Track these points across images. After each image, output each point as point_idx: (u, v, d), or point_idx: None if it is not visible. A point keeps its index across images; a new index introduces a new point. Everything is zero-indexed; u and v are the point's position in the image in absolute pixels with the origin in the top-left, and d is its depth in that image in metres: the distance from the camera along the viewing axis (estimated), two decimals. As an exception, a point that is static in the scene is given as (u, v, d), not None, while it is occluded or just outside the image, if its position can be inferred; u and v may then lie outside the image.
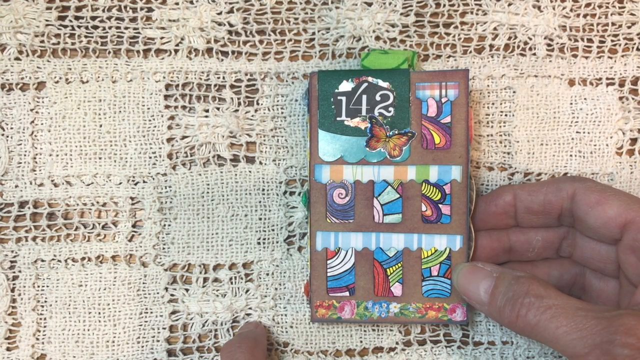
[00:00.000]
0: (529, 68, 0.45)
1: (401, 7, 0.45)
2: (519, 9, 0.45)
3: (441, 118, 0.41)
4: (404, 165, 0.41)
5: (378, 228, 0.42)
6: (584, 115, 0.45)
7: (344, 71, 0.42)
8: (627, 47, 0.46)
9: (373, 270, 0.42)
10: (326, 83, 0.41)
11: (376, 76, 0.41)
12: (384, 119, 0.41)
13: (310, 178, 0.41)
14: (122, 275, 0.44)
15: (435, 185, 0.42)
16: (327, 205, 0.42)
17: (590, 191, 0.38)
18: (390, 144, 0.41)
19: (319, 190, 0.42)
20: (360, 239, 0.42)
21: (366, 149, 0.41)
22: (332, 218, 0.42)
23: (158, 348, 0.44)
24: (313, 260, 0.42)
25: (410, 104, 0.41)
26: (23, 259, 0.44)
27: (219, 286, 0.44)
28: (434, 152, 0.41)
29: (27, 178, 0.44)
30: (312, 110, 0.41)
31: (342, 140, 0.41)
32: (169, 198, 0.44)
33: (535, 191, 0.41)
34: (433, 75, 0.41)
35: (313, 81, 0.41)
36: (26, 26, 0.44)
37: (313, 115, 0.41)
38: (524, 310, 0.34)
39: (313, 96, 0.41)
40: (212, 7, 0.45)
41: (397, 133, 0.41)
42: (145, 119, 0.44)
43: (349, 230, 0.42)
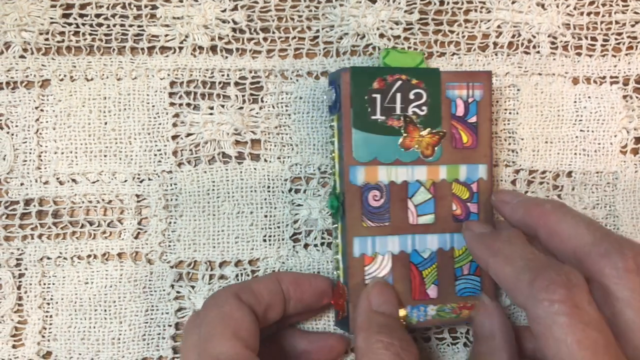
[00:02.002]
0: (533, 66, 0.45)
1: (405, 4, 0.45)
2: (522, 6, 0.45)
3: (468, 117, 0.42)
4: (436, 165, 0.41)
5: (413, 230, 0.41)
6: (588, 114, 0.45)
7: (376, 68, 0.41)
8: (631, 45, 0.46)
9: (410, 274, 0.41)
10: (360, 80, 0.40)
11: (410, 75, 0.41)
12: (417, 117, 0.41)
13: (344, 180, 0.40)
14: (128, 272, 0.44)
15: (463, 184, 0.42)
16: (362, 209, 0.40)
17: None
18: (423, 143, 0.41)
19: (354, 193, 0.40)
20: (397, 242, 0.41)
21: (400, 149, 0.41)
22: (368, 222, 0.40)
23: (164, 345, 0.44)
24: (351, 268, 0.40)
25: (441, 103, 0.41)
26: (29, 256, 0.44)
27: (225, 283, 0.45)
28: (462, 151, 0.42)
29: (33, 176, 0.44)
30: (344, 109, 0.40)
31: (376, 139, 0.40)
32: (175, 195, 0.44)
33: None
34: (461, 76, 0.41)
35: (345, 78, 0.40)
36: (31, 24, 0.44)
37: (345, 114, 0.40)
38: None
39: (345, 94, 0.40)
40: (216, 4, 0.45)
41: (430, 132, 0.41)
42: (150, 116, 0.44)
43: (385, 234, 0.41)
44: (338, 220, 0.41)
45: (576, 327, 0.31)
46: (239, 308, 0.37)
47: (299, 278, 0.41)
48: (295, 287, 0.41)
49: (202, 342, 0.36)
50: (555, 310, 0.31)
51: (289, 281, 0.41)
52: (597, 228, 0.36)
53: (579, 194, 0.45)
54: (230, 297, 0.38)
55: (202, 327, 0.36)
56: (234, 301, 0.37)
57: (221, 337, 0.35)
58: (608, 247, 0.34)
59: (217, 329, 0.36)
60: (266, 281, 0.40)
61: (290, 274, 0.43)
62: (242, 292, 0.38)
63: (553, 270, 0.33)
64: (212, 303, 0.38)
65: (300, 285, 0.41)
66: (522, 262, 0.35)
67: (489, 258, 0.37)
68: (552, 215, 0.37)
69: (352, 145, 0.40)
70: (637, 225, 0.45)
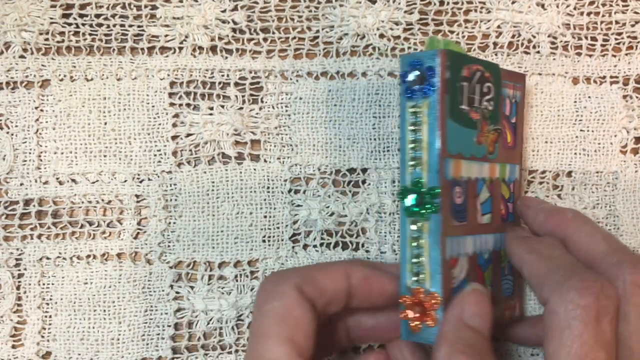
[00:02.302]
0: (533, 66, 0.45)
1: (405, 4, 0.45)
2: (522, 6, 0.45)
3: (511, 117, 0.41)
4: (495, 163, 0.39)
5: (480, 230, 0.39)
6: (588, 114, 0.45)
7: (463, 55, 0.38)
8: (631, 45, 0.46)
9: (477, 277, 0.38)
10: (454, 65, 0.36)
11: (484, 67, 0.38)
12: (487, 112, 0.39)
13: (440, 174, 0.35)
14: (127, 272, 0.44)
15: (506, 183, 0.41)
16: (451, 206, 0.36)
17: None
18: (489, 139, 0.39)
19: (446, 189, 0.36)
20: (471, 242, 0.38)
21: (475, 144, 0.38)
22: (454, 221, 0.36)
23: (163, 346, 0.44)
24: (444, 273, 0.35)
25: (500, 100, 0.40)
26: (28, 256, 0.44)
27: (224, 284, 0.44)
28: (507, 151, 0.41)
29: (32, 176, 0.44)
30: (440, 95, 0.35)
31: (461, 132, 0.37)
32: (174, 196, 0.44)
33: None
34: (510, 75, 0.41)
35: (442, 60, 0.35)
36: (30, 24, 0.44)
37: (441, 101, 0.35)
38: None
39: (442, 79, 0.35)
40: (216, 4, 0.45)
41: (494, 129, 0.39)
42: (150, 116, 0.44)
43: (464, 234, 0.37)
44: (423, 219, 0.36)
45: (586, 340, 0.30)
46: (300, 304, 0.34)
47: (370, 276, 0.37)
48: (364, 285, 0.37)
49: (255, 337, 0.34)
50: (575, 315, 0.31)
51: (359, 278, 0.37)
52: (614, 241, 0.36)
53: (579, 194, 0.45)
54: (292, 288, 0.34)
55: (257, 317, 0.34)
56: (294, 294, 0.34)
57: (276, 340, 0.33)
58: (621, 258, 0.34)
59: (273, 328, 0.33)
60: (333, 273, 0.37)
61: (362, 268, 0.38)
62: (305, 283, 0.35)
63: (590, 276, 0.32)
64: (272, 290, 0.35)
65: (370, 283, 0.37)
66: (559, 262, 0.34)
67: (526, 254, 0.36)
68: (571, 223, 0.38)
69: (447, 135, 0.35)
70: (638, 225, 0.45)
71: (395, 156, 0.45)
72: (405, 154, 0.36)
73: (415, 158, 0.36)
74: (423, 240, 0.36)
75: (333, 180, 0.45)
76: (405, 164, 0.36)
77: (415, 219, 0.36)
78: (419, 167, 0.36)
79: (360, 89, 0.45)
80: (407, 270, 0.36)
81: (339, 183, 0.45)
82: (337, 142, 0.45)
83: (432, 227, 0.36)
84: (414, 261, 0.36)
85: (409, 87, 0.36)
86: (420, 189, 0.36)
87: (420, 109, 0.36)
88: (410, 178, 0.36)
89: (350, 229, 0.45)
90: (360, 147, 0.45)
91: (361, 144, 0.45)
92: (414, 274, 0.36)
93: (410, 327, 0.36)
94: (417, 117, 0.36)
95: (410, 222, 0.36)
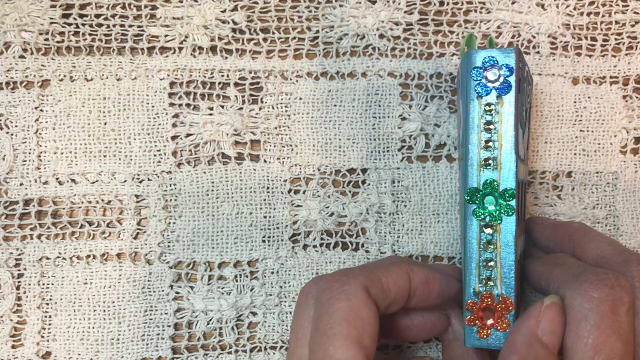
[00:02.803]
0: (533, 66, 0.45)
1: (405, 5, 0.45)
2: (522, 7, 0.45)
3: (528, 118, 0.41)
4: (523, 164, 0.39)
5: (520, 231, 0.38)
6: (587, 114, 0.45)
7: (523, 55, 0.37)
8: (631, 45, 0.46)
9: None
10: (523, 64, 0.35)
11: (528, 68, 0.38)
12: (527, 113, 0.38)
13: (516, 175, 0.34)
14: (127, 273, 0.44)
15: (524, 184, 0.40)
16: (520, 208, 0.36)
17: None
18: (525, 140, 0.39)
19: (518, 190, 0.35)
20: (521, 244, 0.38)
21: (523, 146, 0.38)
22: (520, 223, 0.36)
23: (163, 346, 0.44)
24: (516, 276, 0.35)
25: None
26: (28, 256, 0.44)
27: (224, 284, 0.44)
28: (525, 152, 0.40)
29: (32, 176, 0.44)
30: (515, 94, 0.34)
31: (520, 133, 0.36)
32: (174, 196, 0.44)
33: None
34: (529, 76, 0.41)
35: (517, 58, 0.34)
36: (30, 24, 0.44)
37: (516, 101, 0.34)
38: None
39: (518, 76, 0.34)
40: (216, 4, 0.45)
41: (527, 131, 0.39)
42: (149, 116, 0.44)
43: (519, 235, 0.37)
44: (498, 221, 0.35)
45: (602, 331, 0.30)
46: (367, 306, 0.34)
47: (430, 277, 0.37)
48: (424, 287, 0.37)
49: (322, 336, 0.33)
50: (591, 306, 0.31)
51: (420, 280, 0.37)
52: (619, 244, 0.36)
53: (578, 194, 0.45)
54: (360, 289, 0.34)
55: (323, 316, 0.34)
56: (363, 296, 0.34)
57: (345, 340, 0.32)
58: (627, 257, 0.34)
59: (342, 328, 0.33)
60: (397, 275, 0.36)
61: (422, 269, 0.38)
62: (372, 285, 0.35)
63: (602, 270, 0.32)
64: (340, 290, 0.34)
65: (430, 285, 0.37)
66: (571, 264, 0.35)
67: (542, 266, 0.36)
68: (577, 231, 0.38)
69: (518, 136, 0.35)
70: (637, 226, 0.45)
71: (395, 156, 0.45)
72: (473, 152, 0.35)
73: (487, 158, 0.35)
74: (495, 243, 0.35)
75: (333, 181, 0.45)
76: (473, 164, 0.35)
77: (487, 221, 0.35)
78: (492, 168, 0.35)
79: (360, 89, 0.45)
80: (474, 275, 0.35)
81: (339, 183, 0.45)
82: (337, 143, 0.45)
83: (505, 229, 0.35)
84: (483, 265, 0.35)
85: (483, 84, 0.35)
86: (493, 191, 0.35)
87: (494, 107, 0.35)
88: (480, 179, 0.35)
89: (350, 229, 0.45)
90: (360, 148, 0.45)
91: (361, 144, 0.45)
92: (484, 278, 0.35)
93: (479, 333, 0.35)
94: (491, 116, 0.35)
95: (480, 225, 0.35)
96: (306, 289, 0.36)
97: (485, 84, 0.35)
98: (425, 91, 0.45)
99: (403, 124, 0.45)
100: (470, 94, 0.35)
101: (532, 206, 0.45)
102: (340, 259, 0.45)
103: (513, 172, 0.34)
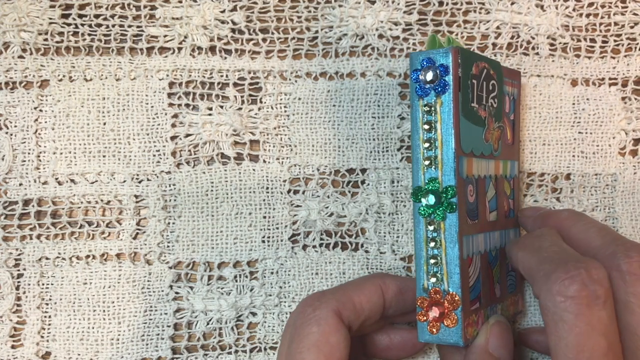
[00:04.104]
0: (532, 67, 0.45)
1: (404, 5, 0.45)
2: (522, 8, 0.45)
3: (510, 114, 0.41)
4: (498, 160, 0.40)
5: (489, 227, 0.39)
6: (586, 116, 0.45)
7: (472, 52, 0.38)
8: (630, 47, 0.46)
9: (488, 275, 0.39)
10: (465, 62, 0.36)
11: (489, 63, 0.38)
12: (492, 109, 0.38)
13: (456, 172, 0.35)
14: (127, 273, 0.44)
15: (507, 180, 0.41)
16: (465, 205, 0.36)
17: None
18: (494, 136, 0.39)
19: (461, 188, 0.35)
20: (482, 240, 0.38)
21: (483, 141, 0.38)
22: (468, 219, 0.36)
23: (162, 346, 0.44)
24: (462, 272, 0.35)
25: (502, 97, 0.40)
26: (27, 257, 0.44)
27: (224, 284, 0.45)
28: (508, 148, 0.41)
29: (31, 176, 0.44)
30: (453, 92, 0.35)
31: (472, 129, 0.36)
32: (173, 196, 0.45)
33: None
34: (508, 72, 0.41)
35: (455, 57, 0.35)
36: (30, 24, 0.44)
37: (454, 98, 0.35)
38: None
39: (455, 75, 0.35)
40: (216, 5, 0.45)
41: (498, 126, 0.39)
42: (149, 117, 0.44)
43: (476, 232, 0.37)
44: (440, 218, 0.35)
45: (580, 329, 0.31)
46: (338, 331, 0.35)
47: (404, 287, 0.39)
48: (398, 298, 0.39)
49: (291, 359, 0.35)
50: (565, 306, 0.31)
51: (394, 292, 0.39)
52: (608, 233, 0.36)
53: (577, 197, 0.45)
54: (330, 315, 0.35)
55: (295, 340, 0.35)
56: (333, 321, 0.35)
57: None
58: (614, 250, 0.34)
59: (310, 354, 0.34)
60: (370, 292, 0.38)
61: (394, 281, 0.39)
62: (344, 308, 0.36)
63: (572, 264, 0.32)
64: (312, 315, 0.36)
65: (404, 294, 0.39)
66: (546, 254, 0.35)
67: (519, 252, 0.37)
68: (565, 221, 0.38)
69: (460, 134, 0.35)
70: (637, 227, 0.45)
71: (395, 156, 0.45)
72: (418, 152, 0.36)
73: (429, 157, 0.36)
74: (440, 240, 0.36)
75: (332, 181, 0.45)
76: (418, 163, 0.36)
77: (431, 218, 0.36)
78: (434, 166, 0.36)
79: (359, 89, 0.45)
80: (423, 271, 0.36)
81: (338, 183, 0.45)
82: (336, 143, 0.45)
83: (449, 226, 0.35)
84: (430, 262, 0.36)
85: (421, 85, 0.35)
86: (436, 189, 0.35)
87: (433, 107, 0.35)
88: (424, 177, 0.36)
89: (350, 229, 0.45)
90: (359, 148, 0.45)
91: (360, 145, 0.45)
92: (431, 274, 0.36)
93: (429, 329, 0.36)
94: (431, 116, 0.35)
95: (426, 222, 0.36)
96: (289, 318, 0.38)
97: (423, 85, 0.35)
98: (424, 91, 0.45)
99: (402, 123, 0.45)
100: (412, 95, 0.36)
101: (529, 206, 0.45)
102: (339, 259, 0.45)
103: (453, 170, 0.35)
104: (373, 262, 0.45)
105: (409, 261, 0.45)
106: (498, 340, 0.37)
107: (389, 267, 0.45)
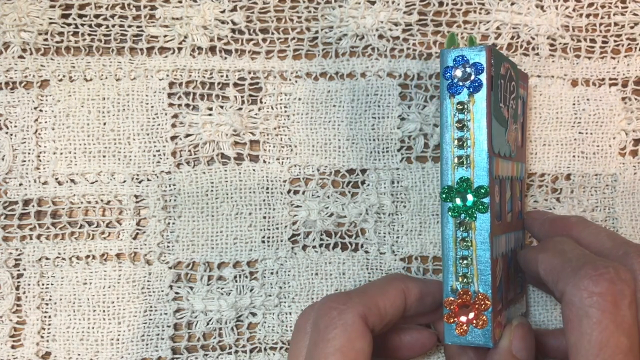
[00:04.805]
0: (532, 68, 0.45)
1: (404, 5, 0.45)
2: (522, 8, 0.45)
3: (520, 117, 0.41)
4: (514, 161, 0.39)
5: (509, 228, 0.39)
6: (586, 116, 0.45)
7: (500, 52, 0.37)
8: (630, 47, 0.46)
9: (507, 275, 0.38)
10: (497, 62, 0.35)
11: (510, 64, 0.38)
12: (512, 111, 0.38)
13: (489, 173, 0.35)
14: (127, 273, 0.44)
15: (519, 182, 0.41)
16: (494, 205, 0.36)
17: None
18: (512, 138, 0.38)
19: (492, 188, 0.35)
20: (504, 241, 0.38)
21: (506, 142, 0.37)
22: (495, 219, 0.36)
23: (162, 346, 0.44)
24: (492, 273, 0.35)
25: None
26: (27, 257, 0.44)
27: (224, 284, 0.45)
28: (519, 150, 0.41)
29: (31, 176, 0.44)
30: (487, 92, 0.34)
31: (499, 130, 0.36)
32: (173, 196, 0.45)
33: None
34: (521, 75, 0.41)
35: (488, 57, 0.34)
36: (30, 24, 0.44)
37: (487, 98, 0.34)
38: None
39: (489, 74, 0.34)
40: (216, 5, 0.45)
41: (515, 128, 0.39)
42: (149, 117, 0.44)
43: (501, 233, 0.37)
44: (473, 219, 0.35)
45: (605, 327, 0.30)
46: (363, 337, 0.35)
47: (424, 291, 0.39)
48: (419, 302, 0.39)
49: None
50: (591, 302, 0.31)
51: (416, 296, 0.39)
52: (618, 237, 0.36)
53: (577, 197, 0.45)
54: (357, 319, 0.35)
55: (319, 344, 0.34)
56: (359, 327, 0.35)
57: None
58: (627, 250, 0.34)
59: (335, 358, 0.34)
60: (394, 296, 0.38)
61: (416, 285, 0.39)
62: (369, 313, 0.36)
63: (601, 263, 0.32)
64: (337, 318, 0.35)
65: (424, 298, 0.39)
66: (571, 255, 0.34)
67: (539, 254, 0.36)
68: (575, 226, 0.38)
69: (492, 134, 0.35)
70: (637, 227, 0.45)
71: (395, 157, 0.45)
72: (448, 151, 0.35)
73: (460, 156, 0.35)
74: (470, 241, 0.35)
75: (332, 181, 0.45)
76: (448, 162, 0.35)
77: (461, 219, 0.35)
78: (465, 166, 0.35)
79: (360, 89, 0.45)
80: (451, 272, 0.36)
81: (338, 184, 0.45)
82: (336, 143, 0.45)
83: (480, 226, 0.35)
84: (460, 262, 0.36)
85: (454, 82, 0.35)
86: (467, 188, 0.35)
87: (466, 106, 0.35)
88: (455, 177, 0.35)
89: (350, 229, 0.45)
90: (359, 148, 0.45)
91: (360, 145, 0.45)
92: (461, 275, 0.36)
93: (457, 331, 0.35)
94: (463, 114, 0.35)
95: (455, 223, 0.36)
96: (305, 314, 0.37)
97: (457, 83, 0.35)
98: (424, 91, 0.45)
99: (402, 124, 0.45)
100: (443, 93, 0.35)
101: (531, 209, 0.45)
102: (339, 259, 0.45)
103: (486, 170, 0.35)
104: (373, 262, 0.45)
105: (409, 262, 0.45)
106: (521, 343, 0.37)
107: (389, 267, 0.45)
